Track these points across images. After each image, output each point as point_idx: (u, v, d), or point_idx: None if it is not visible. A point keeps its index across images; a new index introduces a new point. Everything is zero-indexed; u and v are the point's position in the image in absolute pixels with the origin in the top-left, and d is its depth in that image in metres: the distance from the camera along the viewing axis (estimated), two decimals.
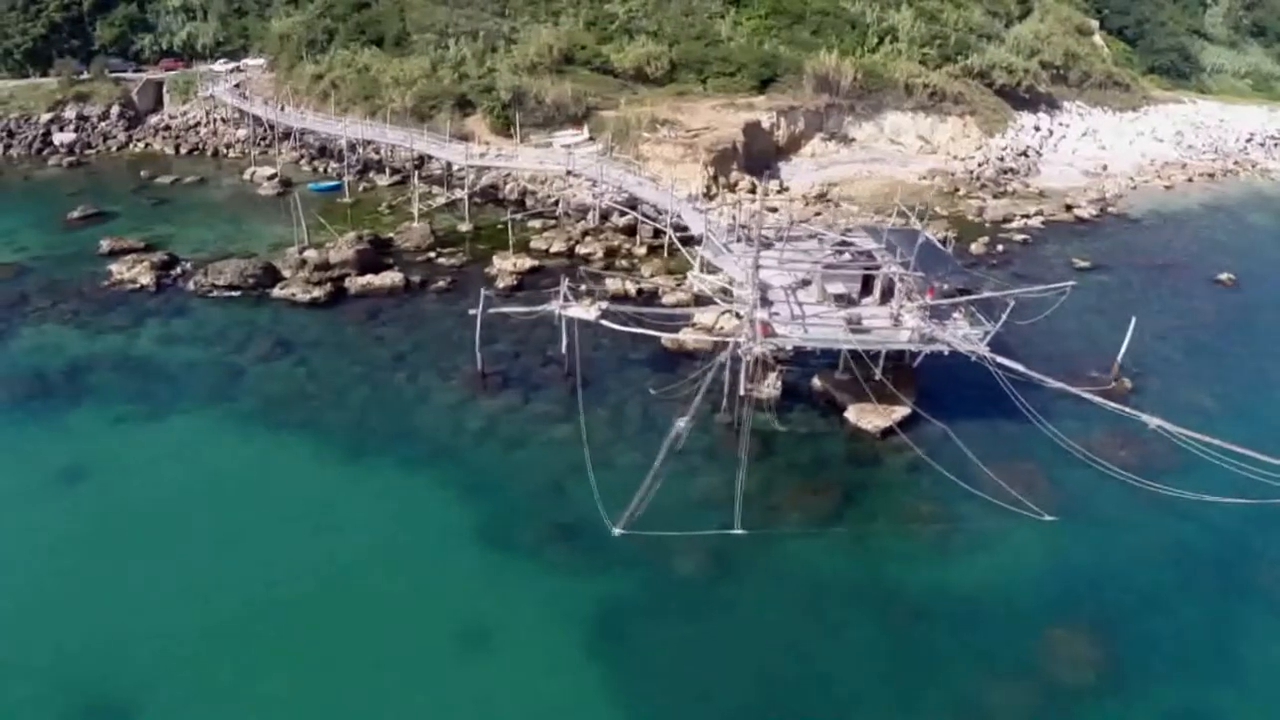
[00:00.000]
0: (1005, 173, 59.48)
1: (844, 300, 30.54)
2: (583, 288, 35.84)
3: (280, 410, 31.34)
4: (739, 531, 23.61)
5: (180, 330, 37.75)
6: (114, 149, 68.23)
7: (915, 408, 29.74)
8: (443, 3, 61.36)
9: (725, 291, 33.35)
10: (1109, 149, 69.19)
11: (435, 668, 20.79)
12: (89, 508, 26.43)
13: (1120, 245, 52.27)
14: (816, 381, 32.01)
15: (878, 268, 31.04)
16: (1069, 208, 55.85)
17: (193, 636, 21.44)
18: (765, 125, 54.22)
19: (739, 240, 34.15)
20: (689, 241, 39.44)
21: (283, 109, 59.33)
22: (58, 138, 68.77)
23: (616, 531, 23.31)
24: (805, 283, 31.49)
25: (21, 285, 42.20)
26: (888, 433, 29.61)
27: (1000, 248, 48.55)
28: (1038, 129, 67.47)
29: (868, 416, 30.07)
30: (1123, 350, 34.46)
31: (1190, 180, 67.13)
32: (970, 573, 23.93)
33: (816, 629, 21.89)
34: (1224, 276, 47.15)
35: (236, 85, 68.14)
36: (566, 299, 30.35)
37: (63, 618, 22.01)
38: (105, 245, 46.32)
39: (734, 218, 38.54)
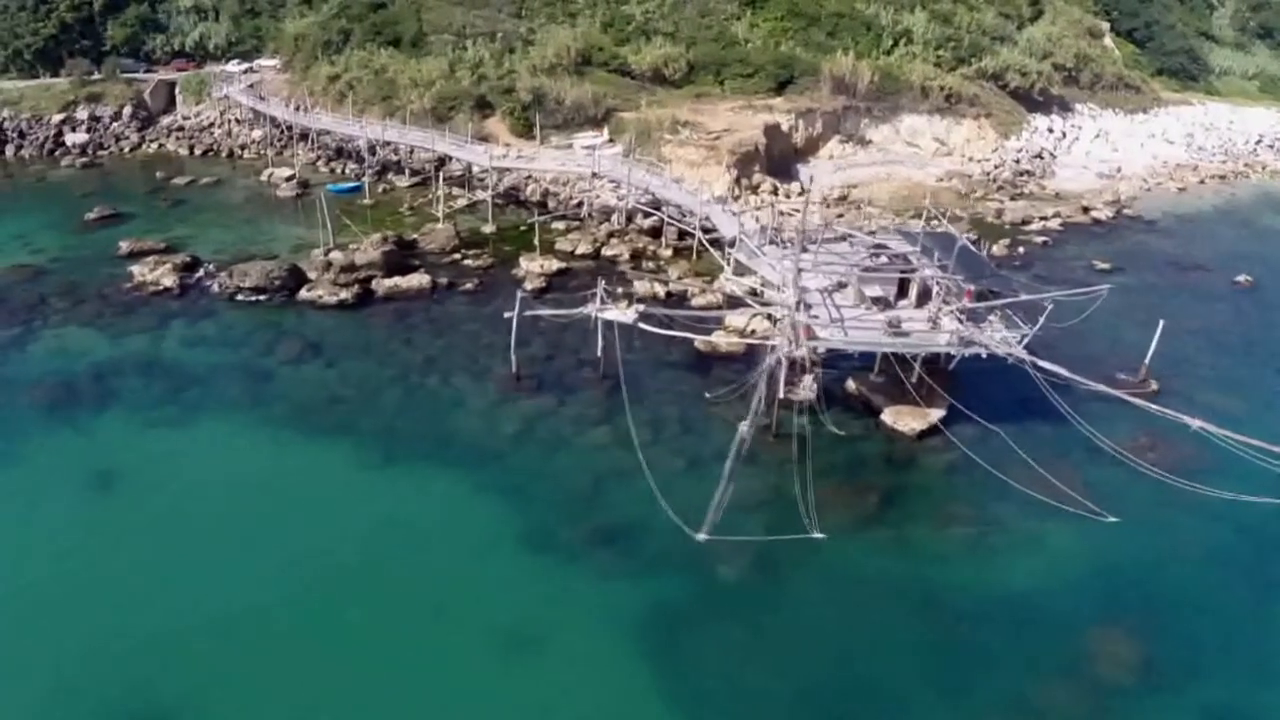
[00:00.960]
0: (1021, 175, 59.69)
1: (881, 303, 30.61)
2: (618, 290, 35.87)
3: (313, 414, 31.13)
4: (818, 536, 23.56)
5: (206, 333, 37.52)
6: (127, 150, 68.16)
7: (950, 410, 29.87)
8: (459, 4, 61.32)
9: (755, 293, 33.50)
10: (1121, 151, 69.46)
11: (494, 676, 20.63)
12: (123, 515, 26.12)
13: (1138, 247, 52.45)
14: (851, 384, 32.10)
15: (914, 271, 31.10)
16: (1086, 210, 56.08)
17: (236, 646, 21.15)
18: (784, 127, 54.30)
19: (771, 243, 34.19)
20: (716, 244, 39.56)
21: (303, 110, 59.10)
22: (70, 138, 68.65)
23: (701, 537, 23.09)
24: (841, 285, 31.53)
25: (40, 287, 41.94)
26: (924, 434, 29.76)
27: (1021, 249, 48.70)
28: (1051, 131, 67.70)
29: (904, 419, 30.17)
30: (1151, 352, 34.63)
31: (1202, 182, 67.44)
32: (1020, 573, 24.06)
33: (886, 632, 21.96)
34: (1242, 278, 47.38)
35: (250, 86, 68.01)
36: (603, 302, 30.35)
37: (102, 626, 21.70)
38: (124, 247, 46.16)
39: (764, 219, 38.56)
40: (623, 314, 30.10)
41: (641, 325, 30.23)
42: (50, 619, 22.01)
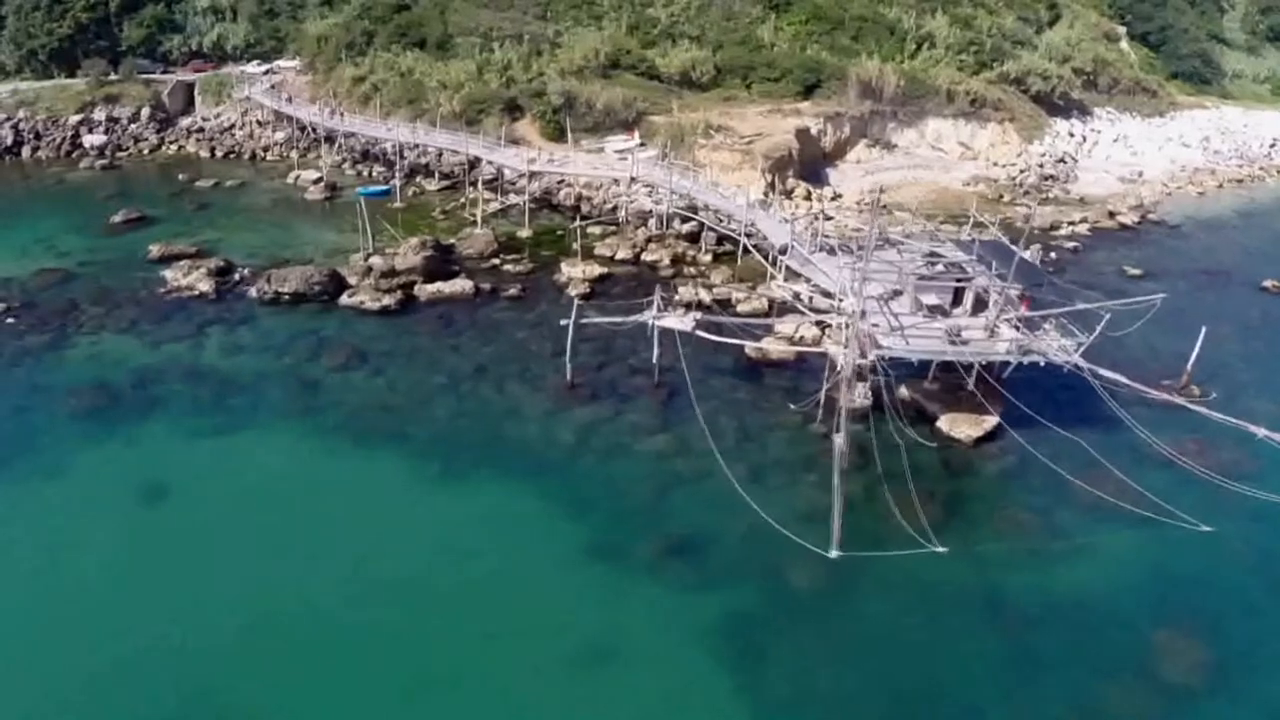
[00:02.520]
0: (1046, 179, 59.93)
1: (937, 311, 30.74)
2: (661, 295, 35.86)
3: (364, 423, 30.84)
4: (940, 549, 23.61)
5: (246, 339, 37.15)
6: (145, 151, 67.64)
7: (1003, 416, 30.04)
8: (485, 6, 61.17)
9: (803, 299, 33.58)
10: (1139, 155, 69.78)
11: (578, 692, 20.38)
12: (175, 526, 25.67)
13: (1165, 252, 52.74)
14: (904, 391, 32.21)
15: (970, 279, 31.25)
16: (1111, 215, 56.34)
17: (297, 662, 20.85)
18: (813, 131, 54.39)
19: (821, 250, 34.27)
20: (756, 249, 39.60)
21: (335, 113, 58.71)
22: (87, 140, 68.10)
23: (834, 554, 23.15)
24: (896, 293, 31.64)
25: (70, 292, 41.42)
26: (980, 441, 29.95)
27: (1053, 255, 48.91)
28: (1071, 135, 67.99)
29: (960, 425, 30.38)
30: (1193, 358, 34.90)
31: (1220, 186, 67.78)
32: (1093, 576, 24.34)
33: (979, 639, 22.09)
34: (1269, 283, 47.72)
35: (272, 87, 67.67)
36: (660, 309, 30.38)
37: (159, 642, 21.36)
38: (154, 251, 45.84)
39: (807, 225, 38.64)
40: (680, 321, 30.14)
41: (700, 333, 30.24)
42: (106, 632, 21.66)
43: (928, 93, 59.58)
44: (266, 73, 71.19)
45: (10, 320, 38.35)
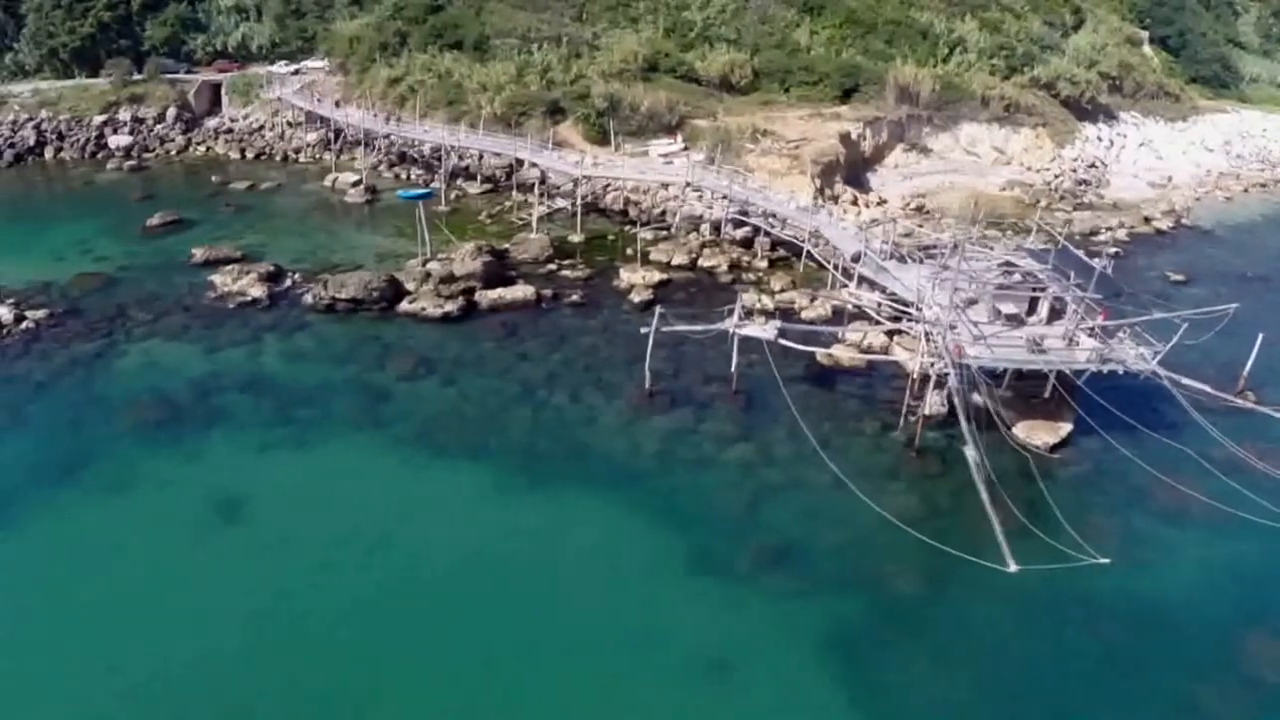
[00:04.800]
0: (1080, 184, 60.34)
1: (1015, 320, 30.97)
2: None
3: (440, 433, 30.39)
4: (1104, 560, 23.50)
5: (306, 347, 36.66)
6: (173, 152, 67.17)
7: (1076, 423, 30.35)
8: (521, 8, 60.97)
9: (875, 307, 33.76)
10: (1165, 160, 70.34)
11: (690, 704, 20.33)
12: (255, 543, 25.17)
13: (1202, 258, 53.20)
14: (977, 398, 32.44)
15: (1044, 288, 31.51)
16: (1147, 220, 56.80)
17: (405, 681, 20.54)
18: (853, 136, 54.57)
19: (892, 257, 34.46)
20: (801, 254, 39.62)
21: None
22: (113, 140, 67.52)
23: (1012, 568, 22.75)
24: (971, 301, 31.85)
25: (115, 297, 40.82)
26: (1055, 447, 30.21)
27: (1106, 260, 49.22)
28: (1099, 140, 68.45)
29: (1037, 432, 30.65)
30: (1250, 363, 35.31)
31: (1245, 191, 68.42)
32: (1193, 580, 24.74)
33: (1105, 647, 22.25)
34: None
35: (302, 88, 67.21)
36: (741, 318, 30.47)
37: (266, 662, 21.22)
38: (198, 255, 45.49)
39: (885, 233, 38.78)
40: (762, 329, 30.23)
41: (782, 341, 30.36)
42: (197, 649, 21.42)
43: (963, 97, 59.89)
44: (295, 73, 70.70)
45: (54, 326, 37.71)
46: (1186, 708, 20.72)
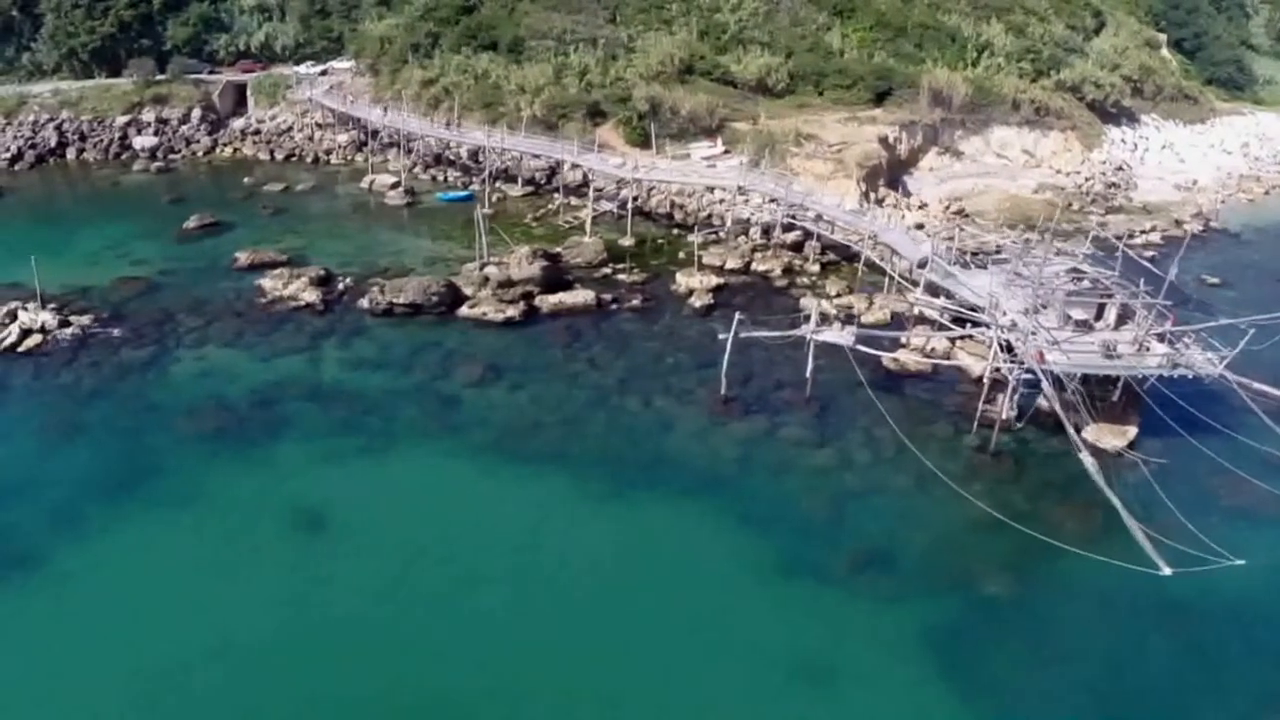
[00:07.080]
0: (1110, 186, 60.99)
1: (1084, 325, 31.47)
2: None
3: (516, 441, 30.34)
4: (1240, 562, 23.17)
5: (366, 353, 36.41)
6: (199, 154, 66.73)
7: (1141, 426, 30.86)
8: (555, 9, 60.97)
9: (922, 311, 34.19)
10: (1187, 162, 71.10)
11: (793, 709, 20.49)
12: (333, 553, 25.13)
13: (1234, 261, 53.87)
14: (1042, 401, 32.92)
15: (1111, 294, 32.01)
16: (1178, 223, 57.44)
17: (501, 692, 20.65)
18: (890, 139, 54.97)
19: (958, 263, 34.88)
20: (853, 258, 39.84)
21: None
22: (137, 141, 66.97)
23: (1166, 571, 22.55)
24: (1041, 307, 32.31)
25: (161, 302, 40.54)
26: (1124, 451, 30.69)
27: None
28: (1124, 142, 69.13)
29: (1105, 436, 31.17)
30: None
31: (1267, 193, 69.17)
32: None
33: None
34: None
35: (331, 88, 66.90)
36: (819, 323, 30.81)
37: (365, 672, 21.20)
38: (242, 259, 45.27)
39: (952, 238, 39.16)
40: (839, 335, 30.58)
41: (859, 347, 30.73)
42: (281, 667, 21.48)
43: (995, 101, 60.36)
44: (322, 74, 70.35)
45: (99, 332, 37.35)
46: None
